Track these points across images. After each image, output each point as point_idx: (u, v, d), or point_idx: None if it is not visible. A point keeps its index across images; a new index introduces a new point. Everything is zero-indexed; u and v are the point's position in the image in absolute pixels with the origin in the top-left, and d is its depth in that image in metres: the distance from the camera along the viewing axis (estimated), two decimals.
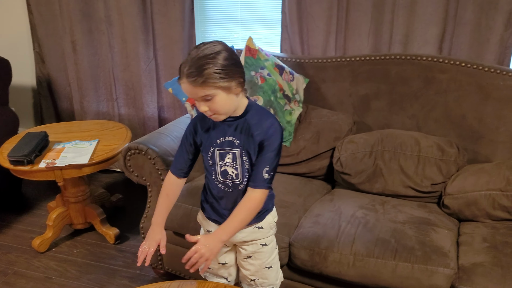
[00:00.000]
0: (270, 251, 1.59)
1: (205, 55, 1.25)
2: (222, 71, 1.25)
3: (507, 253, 1.65)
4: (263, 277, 1.60)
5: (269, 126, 1.37)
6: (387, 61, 2.29)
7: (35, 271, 2.38)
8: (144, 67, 2.93)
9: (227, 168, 1.43)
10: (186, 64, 1.27)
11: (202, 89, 1.26)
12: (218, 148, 1.42)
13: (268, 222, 1.54)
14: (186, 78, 1.26)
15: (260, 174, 1.38)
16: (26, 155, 2.23)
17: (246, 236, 1.52)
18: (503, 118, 2.10)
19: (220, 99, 1.29)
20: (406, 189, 2.05)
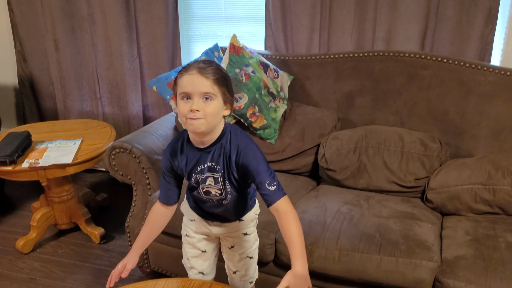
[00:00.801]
0: (252, 241, 1.61)
1: (217, 63, 1.33)
2: (229, 82, 1.32)
3: (488, 246, 1.68)
4: (244, 268, 1.63)
5: (244, 147, 1.35)
6: (370, 58, 2.31)
7: (19, 272, 2.35)
8: (128, 66, 2.91)
9: (210, 189, 1.44)
10: (198, 61, 1.30)
11: (211, 84, 1.26)
12: (200, 175, 1.41)
13: (249, 216, 1.57)
14: (199, 69, 1.26)
15: (267, 191, 1.33)
16: (8, 155, 2.20)
17: (227, 229, 1.57)
18: (484, 113, 2.13)
19: (216, 105, 1.28)
20: (390, 184, 2.07)
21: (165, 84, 2.26)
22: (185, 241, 1.67)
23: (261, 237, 1.80)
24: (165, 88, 2.26)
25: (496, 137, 2.12)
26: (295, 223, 1.32)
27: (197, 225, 1.60)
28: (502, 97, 2.10)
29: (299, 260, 1.29)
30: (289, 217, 1.32)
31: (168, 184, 1.49)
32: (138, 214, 2.18)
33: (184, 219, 1.67)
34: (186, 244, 1.67)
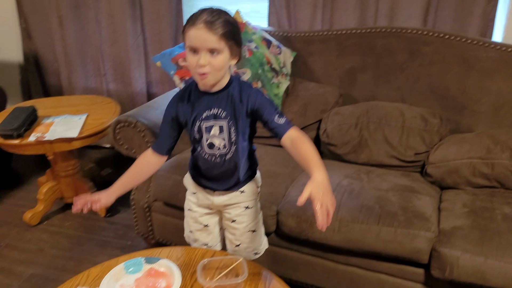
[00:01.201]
0: (254, 215, 1.62)
1: (225, 13, 1.31)
2: (237, 34, 1.33)
3: (485, 217, 1.72)
4: (247, 241, 1.64)
5: (250, 93, 1.39)
6: (372, 34, 2.32)
7: (27, 243, 2.41)
8: (131, 42, 2.93)
9: (214, 140, 1.45)
10: (206, 13, 1.28)
11: (218, 40, 1.28)
12: (205, 122, 1.42)
13: (250, 187, 1.58)
14: (206, 24, 1.26)
15: (277, 124, 1.36)
16: (15, 128, 2.25)
17: (229, 200, 1.56)
18: (485, 89, 2.16)
19: (223, 58, 1.31)
20: (390, 159, 2.11)
21: (169, 60, 2.28)
22: (187, 215, 1.69)
23: (263, 208, 1.83)
24: (169, 63, 2.28)
25: (496, 112, 2.15)
26: (309, 142, 1.32)
27: (199, 197, 1.61)
28: (503, 73, 2.12)
29: (317, 169, 1.25)
30: (303, 139, 1.33)
31: (165, 132, 1.50)
32: (142, 187, 2.22)
33: (187, 192, 1.68)
34: (189, 218, 1.69)
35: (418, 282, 1.76)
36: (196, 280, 1.46)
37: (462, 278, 1.60)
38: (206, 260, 1.49)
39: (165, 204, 2.12)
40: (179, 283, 1.44)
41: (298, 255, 1.93)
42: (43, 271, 2.21)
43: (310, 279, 1.95)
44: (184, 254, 1.60)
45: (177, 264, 1.53)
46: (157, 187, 2.07)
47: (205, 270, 1.47)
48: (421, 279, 1.75)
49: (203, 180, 1.57)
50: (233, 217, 1.61)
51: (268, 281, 1.47)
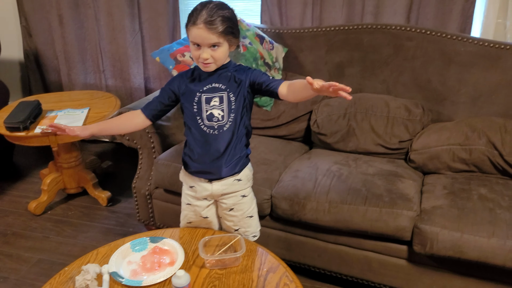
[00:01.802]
0: (250, 202, 1.74)
1: (223, 8, 1.46)
2: (235, 27, 1.49)
3: (463, 197, 1.87)
4: (245, 226, 1.76)
5: (247, 69, 1.60)
6: (359, 31, 2.46)
7: (32, 231, 2.53)
8: (130, 40, 3.05)
9: (213, 111, 1.57)
10: (202, 12, 1.43)
11: (217, 37, 1.44)
12: (205, 94, 1.58)
13: (245, 175, 1.69)
14: (206, 24, 1.42)
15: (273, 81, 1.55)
16: (21, 121, 2.36)
17: (226, 189, 1.67)
18: (463, 81, 2.31)
19: (223, 50, 1.49)
20: (376, 146, 2.25)
21: (167, 55, 2.41)
22: (186, 209, 1.79)
23: (258, 193, 1.97)
24: (167, 58, 2.41)
25: (474, 103, 2.30)
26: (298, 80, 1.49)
27: (197, 190, 1.70)
28: (480, 66, 2.27)
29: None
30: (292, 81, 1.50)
31: (159, 98, 1.67)
32: (144, 176, 2.35)
33: (184, 187, 1.78)
34: (187, 212, 1.78)
35: (402, 258, 1.91)
36: (198, 256, 1.59)
37: (441, 252, 1.74)
38: (207, 238, 1.62)
39: (165, 191, 2.24)
40: (182, 259, 1.58)
41: (291, 236, 2.07)
42: (50, 256, 2.33)
43: (302, 259, 2.09)
44: (186, 233, 1.74)
45: (180, 242, 1.66)
46: (158, 174, 2.20)
47: (206, 247, 1.60)
48: (404, 255, 1.89)
49: (198, 167, 1.65)
50: (230, 206, 1.71)
51: (264, 256, 1.61)
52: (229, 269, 1.54)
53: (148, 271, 1.54)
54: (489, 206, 1.80)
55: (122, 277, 1.50)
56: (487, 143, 2.02)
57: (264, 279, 1.50)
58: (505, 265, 1.67)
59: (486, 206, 1.80)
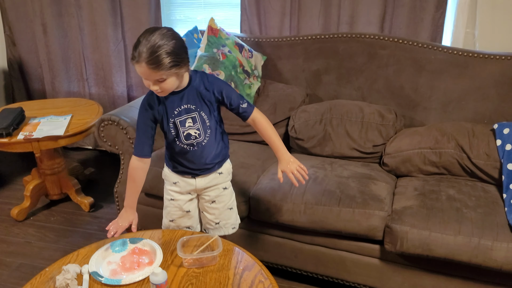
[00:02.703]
0: (230, 194, 1.85)
1: (161, 44, 1.40)
2: (176, 59, 1.44)
3: (432, 198, 1.95)
4: (226, 218, 1.85)
5: (215, 82, 1.62)
6: (335, 39, 2.55)
7: (15, 237, 2.55)
8: (113, 48, 3.11)
9: (190, 131, 1.65)
10: (143, 49, 1.40)
11: (159, 74, 1.43)
12: (177, 118, 1.62)
13: (226, 168, 1.80)
14: (148, 64, 1.40)
15: (243, 109, 1.65)
16: (4, 128, 2.39)
17: (209, 182, 1.77)
18: (434, 88, 2.40)
19: (171, 81, 1.50)
20: (351, 150, 2.33)
21: None
22: (169, 205, 1.86)
23: (237, 195, 2.02)
24: None
25: (445, 108, 2.40)
26: (269, 126, 1.71)
27: (181, 185, 1.78)
28: (450, 73, 2.37)
29: (282, 150, 1.71)
30: (263, 123, 1.69)
31: (143, 138, 1.66)
32: (125, 181, 2.36)
33: (166, 184, 1.85)
34: (171, 208, 1.85)
35: (375, 257, 1.98)
36: (176, 256, 1.64)
37: (411, 250, 1.82)
38: (185, 238, 1.67)
39: (146, 195, 2.29)
40: (161, 258, 1.63)
41: (268, 238, 2.13)
42: (31, 261, 2.36)
43: (279, 260, 2.15)
44: (165, 235, 1.78)
45: (159, 243, 1.71)
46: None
47: (184, 247, 1.65)
48: (377, 254, 1.97)
49: (183, 169, 1.75)
50: (212, 198, 1.81)
51: (240, 256, 1.66)
52: (206, 268, 1.59)
53: (127, 270, 1.58)
54: (457, 206, 1.88)
55: (102, 276, 1.54)
56: (456, 147, 2.11)
57: (240, 277, 1.55)
58: (470, 261, 1.75)
59: (454, 206, 1.88)
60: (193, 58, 2.50)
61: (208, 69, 2.40)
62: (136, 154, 1.69)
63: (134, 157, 1.70)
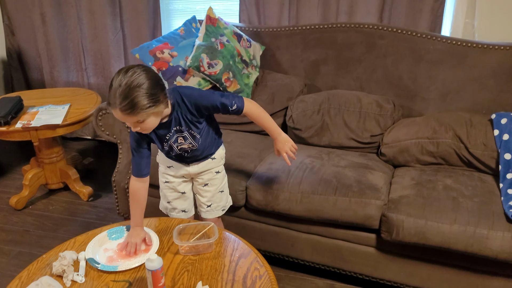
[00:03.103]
0: (222, 178, 1.89)
1: (134, 86, 1.36)
2: (151, 100, 1.40)
3: (429, 187, 1.95)
4: (217, 201, 1.90)
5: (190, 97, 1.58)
6: (334, 29, 2.54)
7: (13, 225, 2.56)
8: (111, 38, 3.10)
9: (183, 146, 1.70)
10: (116, 95, 1.36)
11: (136, 117, 1.42)
12: (170, 140, 1.66)
13: (219, 154, 1.84)
14: (122, 111, 1.38)
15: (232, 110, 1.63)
16: (2, 116, 2.40)
17: (203, 167, 1.81)
18: (433, 78, 2.40)
19: (151, 121, 1.47)
20: (349, 140, 2.33)
21: (147, 52, 2.47)
22: (164, 187, 1.90)
23: (234, 184, 2.05)
24: (147, 55, 2.46)
25: (443, 99, 2.39)
26: (262, 112, 1.72)
27: (175, 170, 1.83)
28: (448, 63, 2.36)
29: (276, 131, 1.76)
30: (256, 112, 1.70)
31: (139, 159, 1.65)
32: (123, 170, 2.40)
33: (161, 168, 1.89)
34: (166, 190, 1.89)
35: (371, 246, 1.98)
36: (172, 243, 1.65)
37: (407, 239, 1.82)
38: (182, 226, 1.68)
39: None
40: (157, 246, 1.64)
41: (265, 227, 2.14)
42: (30, 249, 2.37)
43: (276, 249, 2.16)
44: (162, 223, 1.79)
45: (155, 231, 1.72)
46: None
47: (181, 235, 1.66)
48: (373, 243, 1.97)
49: (178, 159, 1.80)
50: (205, 181, 1.85)
51: (236, 243, 1.67)
52: (202, 255, 1.60)
53: (123, 257, 1.59)
54: (453, 195, 1.88)
55: (98, 263, 1.55)
56: (454, 137, 2.11)
57: (236, 264, 1.56)
58: (466, 250, 1.75)
59: (450, 195, 1.88)
60: (191, 47, 2.49)
61: (206, 59, 2.39)
62: (135, 175, 1.68)
63: (133, 178, 1.68)
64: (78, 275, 1.49)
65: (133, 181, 1.69)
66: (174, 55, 2.48)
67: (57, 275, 1.49)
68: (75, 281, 1.48)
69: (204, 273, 1.51)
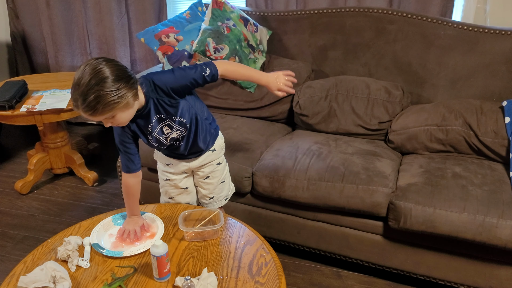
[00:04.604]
0: (223, 168, 1.85)
1: (93, 85, 1.27)
2: (115, 96, 1.30)
3: (437, 175, 1.92)
4: (219, 192, 1.86)
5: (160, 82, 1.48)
6: (342, 14, 2.50)
7: (19, 210, 2.56)
8: (116, 22, 3.07)
9: (172, 135, 1.60)
10: (77, 96, 1.29)
11: (101, 116, 1.34)
12: (154, 132, 1.56)
13: (219, 144, 1.78)
14: (86, 112, 1.31)
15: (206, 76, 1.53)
16: (7, 100, 2.38)
17: (203, 160, 1.76)
18: (443, 64, 2.35)
19: (121, 115, 1.38)
20: (356, 127, 2.30)
21: (152, 36, 2.43)
22: (165, 185, 1.85)
23: (240, 170, 2.03)
24: (152, 39, 2.43)
25: (453, 85, 2.35)
26: (238, 67, 1.67)
27: (175, 167, 1.77)
28: (459, 49, 2.32)
29: (262, 78, 1.66)
30: (232, 69, 1.62)
31: (128, 155, 1.59)
32: None
33: (159, 165, 1.83)
34: (168, 187, 1.84)
35: (378, 234, 1.96)
36: (178, 229, 1.64)
37: (415, 227, 1.80)
38: (187, 212, 1.67)
39: (149, 169, 2.28)
40: (162, 231, 1.62)
41: (271, 213, 2.12)
42: (35, 233, 2.37)
43: (282, 236, 2.14)
44: (167, 209, 1.78)
45: (160, 217, 1.70)
46: (141, 153, 2.20)
47: (186, 221, 1.65)
48: (380, 231, 1.95)
49: (176, 155, 1.74)
50: (206, 174, 1.81)
51: (242, 230, 1.66)
52: (208, 241, 1.59)
53: (128, 243, 1.58)
54: (462, 183, 1.85)
55: (103, 248, 1.54)
56: (463, 124, 2.07)
57: (242, 251, 1.54)
58: (474, 239, 1.73)
59: (459, 183, 1.85)
60: (197, 31, 2.45)
61: (212, 43, 2.36)
62: (124, 171, 1.63)
63: (126, 174, 1.63)
64: (83, 260, 1.48)
65: (125, 177, 1.64)
66: (179, 39, 2.44)
67: (62, 260, 1.49)
68: (80, 266, 1.47)
69: (209, 259, 1.50)
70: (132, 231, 1.59)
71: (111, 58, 1.37)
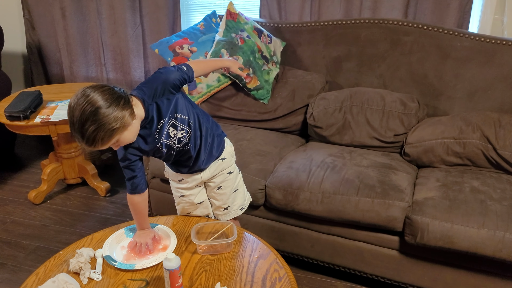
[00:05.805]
0: (235, 177, 1.81)
1: (86, 121, 1.26)
2: (111, 125, 1.29)
3: (455, 190, 1.88)
4: (233, 201, 1.82)
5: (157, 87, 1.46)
6: (357, 25, 2.48)
7: (32, 220, 2.56)
8: (131, 33, 3.08)
9: (177, 136, 1.56)
10: (75, 133, 1.30)
11: (103, 146, 1.34)
12: (163, 139, 1.54)
13: (228, 152, 1.76)
14: (87, 146, 1.32)
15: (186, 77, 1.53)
16: (22, 110, 2.39)
17: (214, 170, 1.73)
18: (460, 76, 2.32)
19: (124, 137, 1.37)
20: (371, 139, 2.27)
21: (166, 47, 2.44)
22: (181, 202, 1.82)
23: (253, 183, 2.01)
24: (166, 50, 2.43)
25: (470, 98, 2.31)
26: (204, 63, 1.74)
27: (188, 181, 1.75)
28: (476, 61, 2.28)
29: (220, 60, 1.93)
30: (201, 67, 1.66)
31: (132, 172, 1.57)
32: None
33: (172, 183, 1.81)
34: (183, 204, 1.82)
35: (394, 249, 1.92)
36: (190, 242, 1.62)
37: (432, 242, 1.76)
38: (200, 224, 1.65)
39: (162, 180, 2.27)
40: (175, 244, 1.60)
41: (284, 227, 2.09)
42: (48, 244, 2.36)
43: (296, 249, 2.11)
44: (180, 221, 1.76)
45: (173, 230, 1.69)
46: (155, 164, 2.22)
47: (199, 234, 1.63)
48: (396, 246, 1.91)
49: (187, 169, 1.70)
50: (218, 185, 1.78)
51: (256, 244, 1.63)
52: (221, 255, 1.57)
53: (140, 256, 1.57)
54: (481, 198, 1.81)
55: (115, 261, 1.52)
56: (481, 137, 2.04)
57: (255, 265, 1.52)
58: (494, 256, 1.69)
59: (478, 198, 1.81)
60: (211, 42, 2.45)
61: (226, 54, 2.35)
62: (129, 192, 1.62)
63: (132, 195, 1.62)
64: (95, 272, 1.47)
65: (132, 198, 1.63)
66: (193, 50, 2.44)
67: (74, 272, 1.48)
68: (91, 279, 1.46)
69: (222, 273, 1.48)
70: (143, 244, 1.58)
71: (96, 84, 1.34)
